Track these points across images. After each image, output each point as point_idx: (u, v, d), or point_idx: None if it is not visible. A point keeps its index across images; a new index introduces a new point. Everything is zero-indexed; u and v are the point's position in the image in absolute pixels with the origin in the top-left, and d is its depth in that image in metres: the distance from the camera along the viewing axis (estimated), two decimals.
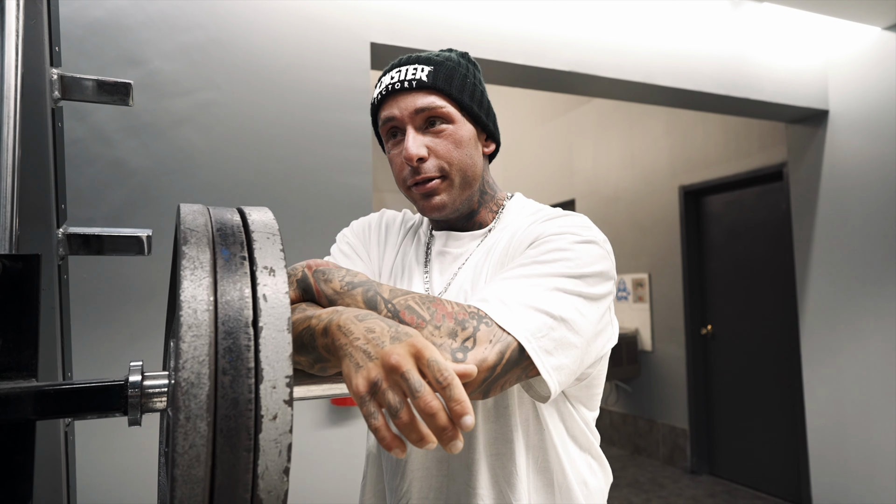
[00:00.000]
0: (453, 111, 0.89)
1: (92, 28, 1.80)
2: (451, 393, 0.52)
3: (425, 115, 0.87)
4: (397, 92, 0.88)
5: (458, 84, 0.89)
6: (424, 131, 0.88)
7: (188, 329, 0.46)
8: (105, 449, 1.73)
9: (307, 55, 2.08)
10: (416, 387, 0.53)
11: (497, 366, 0.66)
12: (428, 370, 0.54)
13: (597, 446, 0.91)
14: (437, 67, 0.89)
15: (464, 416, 0.52)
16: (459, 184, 0.89)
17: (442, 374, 0.53)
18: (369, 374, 0.55)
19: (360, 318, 0.62)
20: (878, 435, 3.08)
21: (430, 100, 0.87)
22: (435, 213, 0.90)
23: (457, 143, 0.88)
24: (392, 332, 0.59)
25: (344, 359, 0.60)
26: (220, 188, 1.93)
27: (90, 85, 0.81)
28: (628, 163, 5.05)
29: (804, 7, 2.84)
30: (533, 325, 0.69)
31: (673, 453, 4.64)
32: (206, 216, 0.56)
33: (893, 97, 3.03)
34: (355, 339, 0.59)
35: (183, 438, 0.44)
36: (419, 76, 0.87)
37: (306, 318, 0.69)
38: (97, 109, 1.79)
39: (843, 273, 3.25)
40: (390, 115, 0.89)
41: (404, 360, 0.54)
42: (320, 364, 0.67)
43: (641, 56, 2.70)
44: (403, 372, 0.53)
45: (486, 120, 0.92)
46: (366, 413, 0.55)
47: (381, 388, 0.54)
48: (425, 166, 0.87)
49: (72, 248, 0.83)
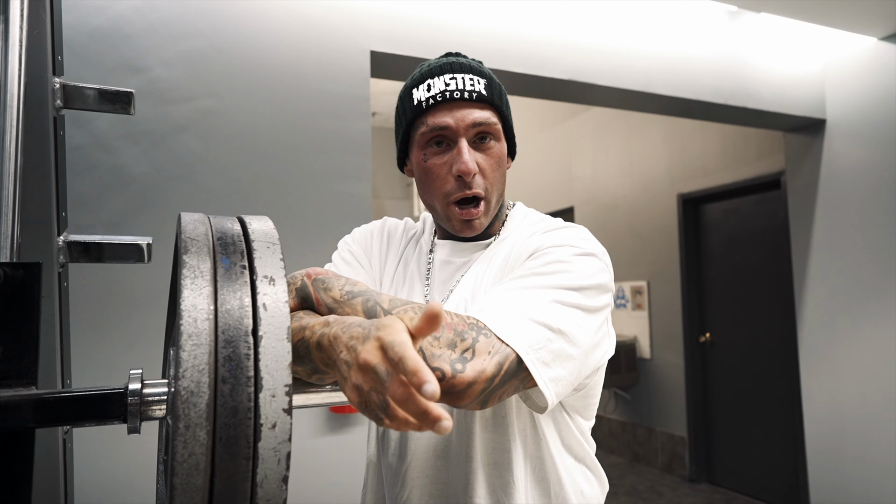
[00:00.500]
0: (500, 130, 0.88)
1: (93, 36, 1.81)
2: (404, 366, 0.48)
3: (480, 129, 0.86)
4: (455, 101, 0.85)
5: (505, 101, 0.89)
6: (474, 146, 0.87)
7: (188, 338, 0.46)
8: (103, 456, 1.72)
9: (307, 63, 2.09)
10: (384, 377, 0.50)
11: (495, 377, 0.67)
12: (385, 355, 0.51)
13: (593, 456, 0.91)
14: (490, 81, 0.88)
15: (423, 384, 0.46)
16: (494, 204, 0.90)
17: (394, 350, 0.49)
18: (352, 382, 0.55)
19: (344, 328, 0.61)
20: (876, 442, 3.07)
21: (486, 115, 0.86)
22: (472, 234, 0.90)
23: (499, 162, 0.88)
24: (365, 333, 0.56)
25: (338, 374, 0.60)
26: (220, 195, 1.94)
27: (92, 94, 0.82)
28: (627, 171, 5.06)
29: (801, 17, 2.86)
30: (531, 336, 0.70)
31: (672, 461, 4.62)
32: (206, 225, 0.57)
33: (890, 106, 3.04)
34: (339, 351, 0.59)
35: (182, 447, 0.44)
36: (478, 88, 0.86)
37: (301, 329, 0.69)
38: (98, 116, 1.80)
39: (841, 281, 3.25)
40: (443, 124, 0.85)
41: (371, 354, 0.52)
42: (318, 375, 0.68)
43: (640, 65, 2.72)
44: (373, 367, 0.51)
45: (514, 138, 0.93)
46: (372, 419, 0.55)
47: (364, 391, 0.53)
48: (474, 181, 0.86)
49: (72, 256, 0.83)
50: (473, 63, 0.90)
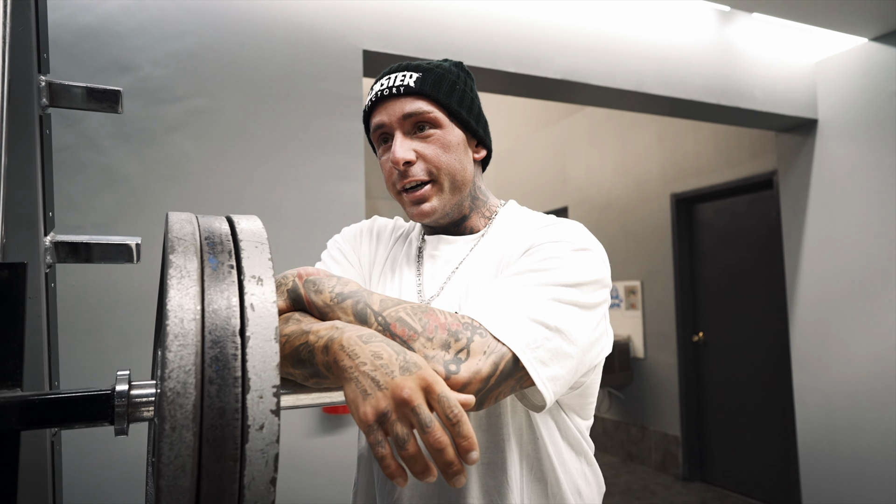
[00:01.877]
0: (441, 116, 0.89)
1: (82, 34, 1.79)
2: (460, 430, 0.54)
3: (413, 120, 0.88)
4: (386, 98, 0.89)
5: (446, 90, 0.90)
6: (413, 136, 0.89)
7: (174, 338, 0.46)
8: (92, 459, 1.71)
9: (299, 62, 2.08)
10: (427, 422, 0.54)
11: (491, 377, 0.66)
12: (438, 405, 0.56)
13: (591, 455, 0.91)
14: (425, 74, 0.89)
15: (471, 451, 0.54)
16: (449, 188, 0.90)
17: (452, 410, 0.55)
18: (378, 405, 0.56)
19: (364, 339, 0.62)
20: (868, 441, 3.09)
21: (417, 105, 0.88)
22: (424, 219, 0.91)
23: (445, 148, 0.89)
24: (401, 362, 0.58)
25: (349, 382, 0.59)
26: (212, 195, 1.93)
27: (79, 92, 0.81)
28: (621, 171, 5.07)
29: (793, 17, 2.88)
30: (528, 335, 0.69)
31: (665, 460, 4.64)
32: (193, 224, 0.56)
33: (881, 106, 3.06)
34: (361, 363, 0.59)
35: (168, 448, 0.44)
36: (407, 82, 0.88)
37: (303, 333, 0.68)
38: (87, 116, 1.79)
39: (833, 280, 3.27)
40: (380, 122, 0.90)
41: (415, 394, 0.55)
42: (316, 379, 0.66)
43: (633, 65, 2.72)
44: (414, 406, 0.55)
45: (475, 126, 0.93)
46: (372, 441, 0.55)
47: (389, 420, 0.55)
48: (413, 170, 0.88)
49: (59, 257, 0.82)
50: (421, 62, 0.92)
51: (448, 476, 0.54)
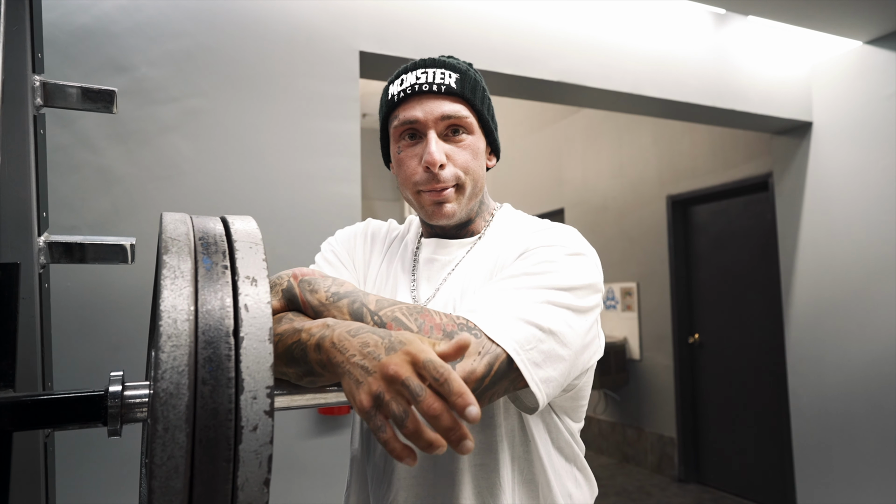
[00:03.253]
0: (474, 122, 0.89)
1: (78, 34, 1.79)
2: (450, 387, 0.52)
3: (450, 122, 0.87)
4: (423, 94, 0.86)
5: (480, 96, 0.89)
6: (444, 138, 0.88)
7: (167, 339, 0.46)
8: (86, 459, 1.70)
9: (296, 63, 2.08)
10: (417, 391, 0.53)
11: (485, 377, 0.66)
12: (424, 371, 0.54)
13: (582, 458, 0.91)
14: (463, 76, 0.88)
15: (467, 406, 0.51)
16: (469, 194, 0.90)
17: (437, 370, 0.53)
18: (371, 389, 0.56)
19: (352, 332, 0.62)
20: (862, 442, 3.10)
21: (456, 108, 0.87)
22: (443, 220, 0.89)
23: (474, 155, 0.89)
24: (386, 343, 0.58)
25: (343, 377, 0.59)
26: (207, 196, 1.92)
27: (73, 92, 0.81)
28: (617, 172, 5.08)
29: (788, 21, 2.89)
30: (522, 336, 0.69)
31: (661, 461, 4.64)
32: (188, 225, 0.56)
33: (875, 109, 3.07)
34: (351, 355, 0.59)
35: (161, 449, 0.44)
36: (448, 81, 0.87)
37: (296, 332, 0.68)
38: (82, 116, 1.78)
39: (828, 282, 3.28)
40: (413, 117, 0.87)
41: (402, 367, 0.54)
42: (310, 377, 0.67)
43: (629, 67, 2.73)
44: (403, 380, 0.53)
45: (494, 134, 0.93)
46: (374, 427, 0.55)
47: (384, 400, 0.54)
48: (443, 174, 0.86)
49: (53, 257, 0.82)
50: (452, 61, 0.90)
51: (453, 443, 0.52)
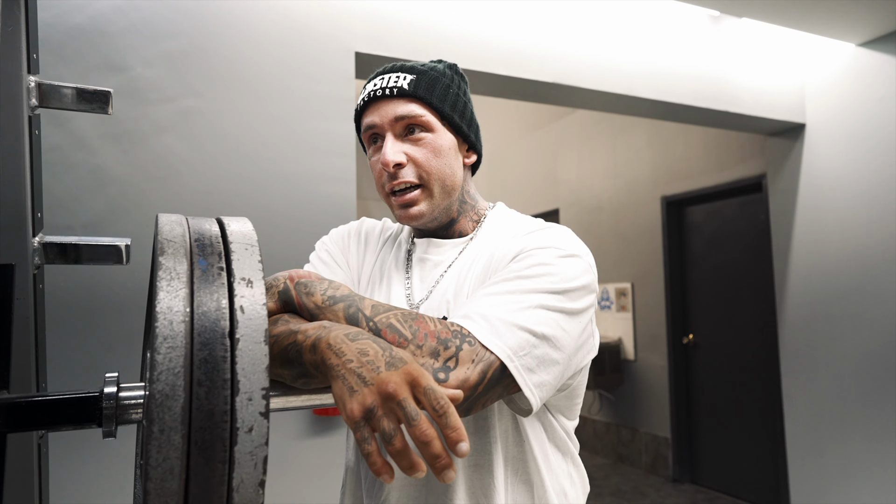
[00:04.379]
0: (433, 120, 0.89)
1: (72, 34, 1.78)
2: (447, 421, 0.53)
3: (405, 122, 0.88)
4: (378, 99, 0.89)
5: (439, 93, 0.90)
6: (404, 139, 0.89)
7: (163, 340, 0.46)
8: (80, 461, 1.70)
9: (291, 63, 2.08)
10: (413, 415, 0.54)
11: (479, 385, 0.67)
12: (424, 398, 0.55)
13: (576, 455, 0.92)
14: (419, 76, 0.89)
15: (459, 442, 0.53)
16: (438, 193, 0.90)
17: (439, 402, 0.54)
18: (365, 400, 0.56)
19: (350, 337, 0.62)
20: (855, 442, 3.12)
21: (409, 108, 0.88)
22: (411, 223, 0.91)
23: (436, 152, 0.89)
24: (387, 357, 0.59)
25: (336, 380, 0.59)
26: (202, 196, 1.92)
27: (69, 93, 0.81)
28: (611, 173, 5.10)
29: (782, 23, 2.90)
30: (515, 342, 0.70)
31: (655, 462, 4.66)
32: (183, 226, 0.56)
33: (868, 111, 3.10)
34: (348, 360, 0.59)
35: (157, 451, 0.44)
36: (400, 84, 0.88)
37: (291, 333, 0.68)
38: (77, 116, 1.77)
39: (821, 282, 3.30)
40: (371, 123, 0.90)
41: (401, 388, 0.55)
42: (304, 379, 0.67)
43: (624, 68, 2.74)
44: (400, 400, 0.54)
45: (467, 130, 0.93)
46: (359, 438, 0.55)
47: (376, 415, 0.55)
48: (402, 172, 0.88)
49: (48, 258, 0.82)
50: (415, 63, 0.92)
51: (437, 471, 0.53)
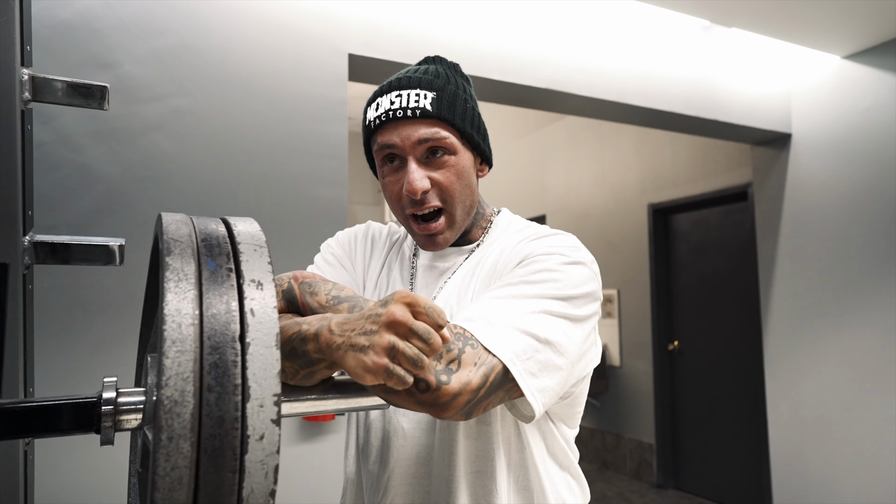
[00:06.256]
0: (456, 142, 0.86)
1: (59, 29, 1.74)
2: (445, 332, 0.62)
3: (428, 145, 0.84)
4: (399, 120, 0.84)
5: (460, 112, 0.86)
6: (426, 161, 0.85)
7: (172, 344, 0.44)
8: (67, 469, 1.65)
9: (284, 64, 2.05)
10: (426, 333, 0.59)
11: (481, 388, 0.66)
12: (426, 317, 0.60)
13: (576, 465, 0.91)
14: (439, 93, 0.85)
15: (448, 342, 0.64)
16: (460, 217, 0.88)
17: (440, 317, 0.61)
18: (382, 342, 0.58)
19: (346, 318, 0.65)
20: (837, 448, 3.15)
21: (433, 130, 0.84)
22: (435, 250, 0.89)
23: (459, 175, 0.86)
24: (379, 304, 0.62)
25: (346, 356, 0.61)
26: (192, 197, 1.89)
27: (63, 87, 0.78)
28: (599, 180, 5.12)
29: (769, 34, 2.94)
30: (518, 346, 0.69)
31: (640, 468, 4.67)
32: (189, 226, 0.54)
33: (852, 122, 3.15)
34: (349, 330, 0.62)
35: (165, 460, 0.42)
36: (423, 104, 0.83)
37: (296, 324, 0.69)
38: (63, 113, 1.73)
39: (805, 291, 3.34)
40: (389, 142, 0.85)
41: (405, 313, 0.59)
42: (307, 370, 0.66)
43: (615, 75, 2.75)
44: (410, 325, 0.58)
45: (483, 146, 0.91)
46: (396, 379, 0.58)
47: (399, 349, 0.58)
48: (427, 197, 0.85)
49: (38, 257, 0.79)
50: (429, 76, 0.87)
51: None
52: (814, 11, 2.67)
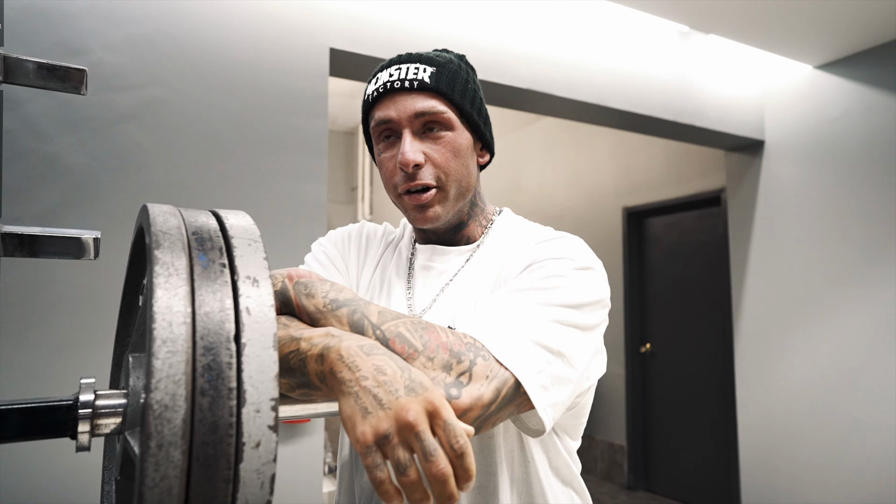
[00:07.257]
0: (454, 117, 0.84)
1: (29, 11, 1.67)
2: (463, 462, 0.51)
3: (425, 119, 0.82)
4: (396, 91, 0.82)
5: (460, 89, 0.84)
6: (422, 136, 0.83)
7: (162, 343, 0.41)
8: (35, 472, 1.57)
9: (264, 56, 2.00)
10: (431, 451, 0.51)
11: (492, 403, 0.62)
12: (442, 433, 0.52)
13: (579, 478, 0.88)
14: (439, 69, 0.83)
15: (468, 481, 0.52)
16: (454, 195, 0.85)
17: (458, 441, 0.51)
18: (380, 426, 0.51)
19: (366, 350, 0.57)
20: (805, 450, 3.22)
21: (431, 103, 0.82)
22: (426, 225, 0.85)
23: (455, 152, 0.83)
24: (406, 381, 0.54)
25: (347, 397, 0.54)
26: (165, 190, 1.82)
27: (37, 68, 0.73)
28: (574, 183, 5.15)
29: (746, 41, 2.99)
30: (531, 359, 0.66)
31: (611, 469, 4.71)
32: (178, 218, 0.51)
33: (823, 131, 3.22)
34: (363, 377, 0.54)
35: (153, 469, 0.39)
36: (421, 76, 0.82)
37: (293, 339, 0.62)
38: (30, 99, 1.66)
39: (775, 295, 3.41)
40: (386, 117, 0.83)
41: (421, 418, 0.51)
42: (304, 390, 0.61)
43: (596, 79, 2.76)
44: (419, 432, 0.51)
45: (483, 129, 0.88)
46: (369, 464, 0.51)
47: (391, 443, 0.51)
48: (421, 173, 0.82)
49: (7, 250, 0.74)
50: (431, 54, 0.86)
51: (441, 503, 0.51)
52: (789, 20, 2.72)
